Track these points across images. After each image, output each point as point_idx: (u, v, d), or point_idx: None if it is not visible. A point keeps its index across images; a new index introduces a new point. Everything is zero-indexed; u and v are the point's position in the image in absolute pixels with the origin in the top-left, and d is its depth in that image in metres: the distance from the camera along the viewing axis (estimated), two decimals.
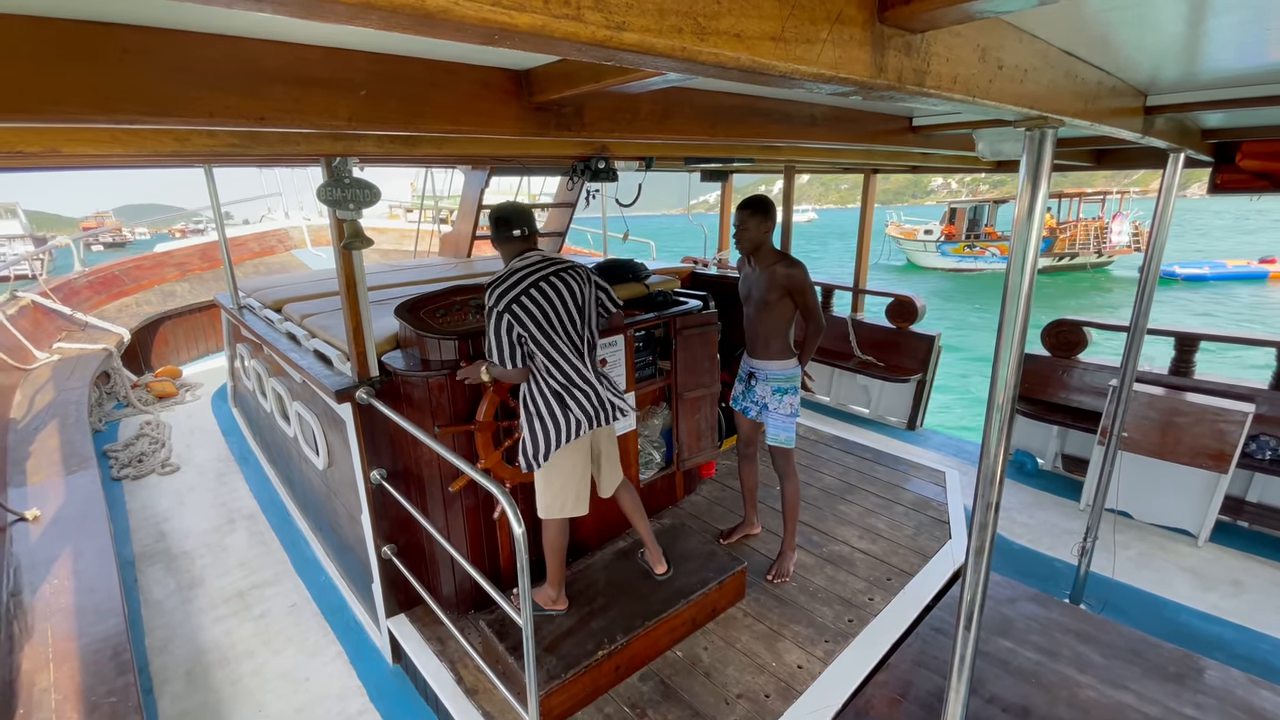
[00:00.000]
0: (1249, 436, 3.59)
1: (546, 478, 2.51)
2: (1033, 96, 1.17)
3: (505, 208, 2.47)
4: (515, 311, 2.26)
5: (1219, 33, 1.27)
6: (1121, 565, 3.42)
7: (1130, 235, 25.04)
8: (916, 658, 2.55)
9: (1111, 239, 24.41)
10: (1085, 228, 24.14)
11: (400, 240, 10.36)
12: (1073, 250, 23.97)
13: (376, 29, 0.50)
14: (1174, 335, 4.10)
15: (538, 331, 2.31)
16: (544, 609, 2.65)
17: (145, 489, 4.53)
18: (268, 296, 4.04)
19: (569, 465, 2.51)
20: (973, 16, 0.80)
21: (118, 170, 3.97)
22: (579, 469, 2.55)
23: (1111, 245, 24.49)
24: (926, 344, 5.22)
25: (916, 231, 28.58)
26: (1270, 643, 2.92)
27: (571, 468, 2.52)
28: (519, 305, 2.27)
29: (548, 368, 2.37)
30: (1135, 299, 2.73)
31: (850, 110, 2.52)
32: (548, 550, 2.62)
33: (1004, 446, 1.51)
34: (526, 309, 2.28)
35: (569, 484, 2.53)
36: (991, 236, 25.65)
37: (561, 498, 2.53)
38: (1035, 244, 1.39)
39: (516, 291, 2.28)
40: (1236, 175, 2.84)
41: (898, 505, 3.85)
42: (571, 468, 2.52)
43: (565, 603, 2.68)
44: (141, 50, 1.08)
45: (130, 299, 7.63)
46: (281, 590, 3.38)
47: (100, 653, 2.21)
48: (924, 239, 27.99)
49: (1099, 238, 24.23)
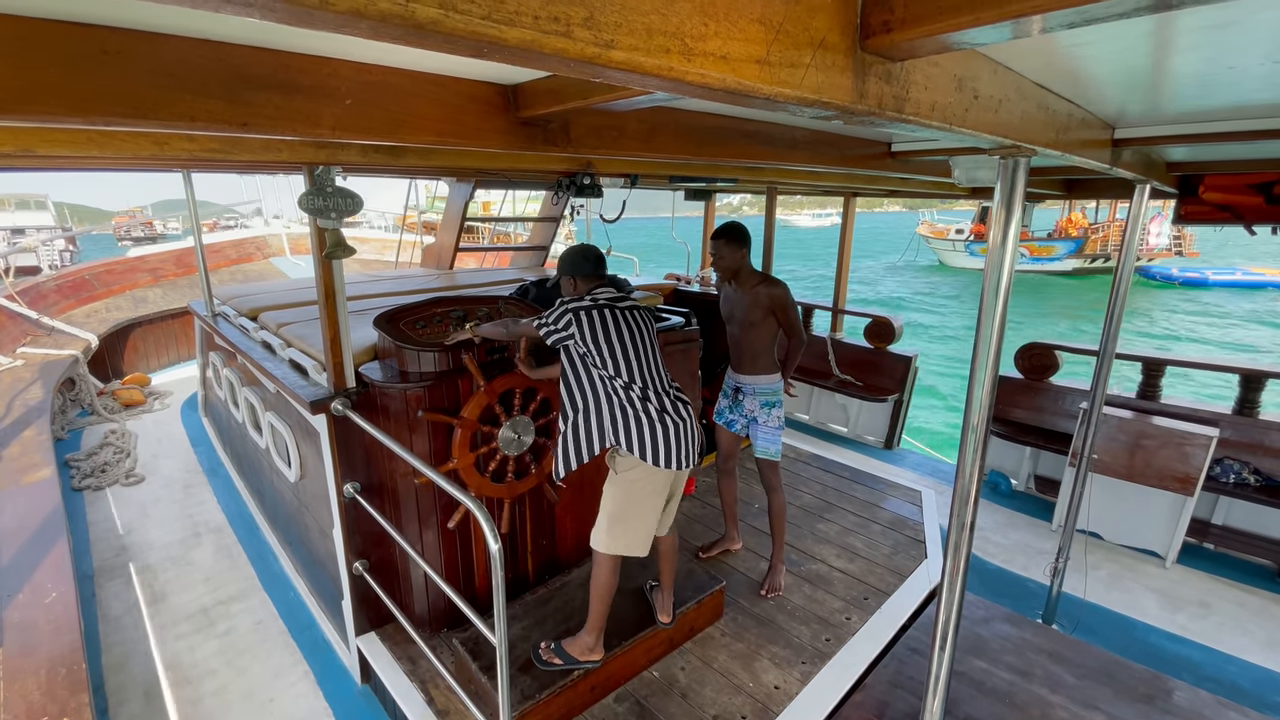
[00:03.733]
0: (1214, 460, 3.69)
1: (622, 506, 2.34)
2: (1007, 126, 1.21)
3: (592, 250, 2.46)
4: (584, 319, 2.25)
5: (1183, 68, 1.32)
6: (1092, 586, 3.47)
7: (1170, 238, 24.31)
8: (893, 678, 2.55)
9: (1148, 241, 23.63)
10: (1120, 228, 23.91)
11: (381, 250, 10.28)
12: (1105, 252, 23.41)
13: (366, 38, 0.50)
14: (1141, 360, 4.21)
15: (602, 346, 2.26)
16: (578, 660, 2.41)
17: (107, 500, 4.38)
18: (244, 304, 3.97)
19: (643, 490, 2.32)
20: (950, 47, 0.82)
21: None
22: (655, 499, 2.36)
23: (1149, 248, 23.77)
24: (904, 364, 5.30)
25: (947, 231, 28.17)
26: (1237, 664, 2.98)
27: (646, 495, 2.33)
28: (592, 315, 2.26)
29: (634, 387, 2.30)
30: (1104, 324, 2.80)
31: (831, 134, 2.57)
32: (596, 593, 2.40)
33: (978, 467, 1.54)
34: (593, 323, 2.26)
35: (646, 518, 2.36)
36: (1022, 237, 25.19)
37: (628, 530, 2.34)
38: (1009, 269, 1.42)
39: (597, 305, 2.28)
40: (1200, 207, 2.95)
41: (875, 524, 3.87)
42: (646, 495, 2.33)
43: (601, 652, 2.45)
44: (121, 52, 1.07)
45: (100, 304, 7.44)
46: (247, 606, 3.28)
47: (54, 670, 2.12)
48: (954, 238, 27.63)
49: None
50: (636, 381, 2.27)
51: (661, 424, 2.27)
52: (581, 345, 2.24)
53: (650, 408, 2.27)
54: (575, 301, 2.28)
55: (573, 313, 2.24)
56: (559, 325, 2.25)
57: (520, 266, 6.80)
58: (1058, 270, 25.37)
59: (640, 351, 2.30)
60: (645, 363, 2.31)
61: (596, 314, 2.24)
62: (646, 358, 2.32)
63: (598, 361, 2.24)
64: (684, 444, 2.31)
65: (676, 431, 2.29)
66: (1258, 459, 3.79)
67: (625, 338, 2.27)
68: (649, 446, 2.25)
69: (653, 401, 2.28)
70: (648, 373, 2.31)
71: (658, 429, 2.26)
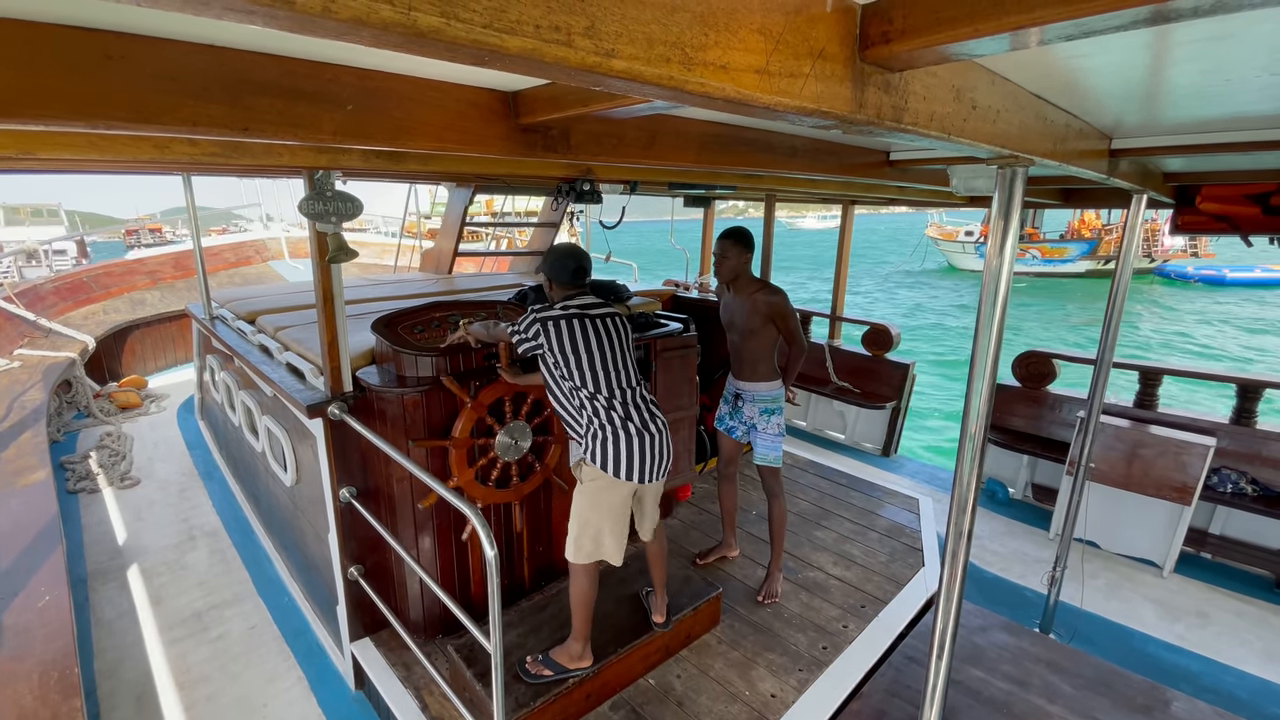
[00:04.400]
0: (1211, 469, 3.69)
1: (587, 515, 2.34)
2: (1004, 136, 1.22)
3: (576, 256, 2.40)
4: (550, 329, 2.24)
5: (1180, 80, 1.33)
6: (1090, 595, 3.47)
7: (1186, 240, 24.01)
8: (890, 687, 2.54)
9: (1164, 241, 23.41)
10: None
11: (380, 254, 10.29)
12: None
13: (368, 46, 0.50)
14: (1138, 369, 4.22)
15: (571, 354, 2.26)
16: (566, 668, 2.40)
17: (102, 503, 4.36)
18: (242, 308, 3.97)
19: (609, 501, 2.32)
20: (948, 58, 0.83)
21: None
22: (619, 509, 2.35)
23: (1165, 249, 23.52)
24: (901, 372, 5.31)
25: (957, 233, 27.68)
26: (1235, 675, 2.97)
27: (610, 505, 2.32)
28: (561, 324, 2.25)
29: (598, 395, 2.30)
30: (1101, 333, 2.81)
31: (830, 143, 2.58)
32: (575, 602, 2.39)
33: (976, 475, 1.54)
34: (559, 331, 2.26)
35: (612, 528, 2.34)
36: (1033, 238, 24.47)
37: (597, 539, 2.34)
38: (1007, 277, 1.43)
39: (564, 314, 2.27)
40: (1197, 217, 2.96)
41: (872, 532, 3.86)
42: (610, 505, 2.32)
43: (590, 659, 2.45)
44: (125, 57, 1.07)
45: (98, 306, 7.43)
46: (241, 611, 3.26)
47: (46, 675, 2.11)
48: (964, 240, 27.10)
49: (1149, 240, 23.17)
50: (602, 391, 2.27)
51: (625, 434, 2.27)
52: (550, 355, 2.25)
53: (615, 417, 2.27)
54: (544, 310, 2.28)
55: (540, 323, 2.25)
56: (528, 334, 2.26)
57: (519, 271, 6.81)
58: (1070, 272, 24.95)
59: (610, 361, 2.29)
60: (615, 372, 2.30)
61: (565, 324, 2.24)
62: (616, 367, 2.31)
63: (565, 373, 2.26)
64: (649, 457, 2.30)
65: (641, 443, 2.28)
66: (1255, 469, 3.79)
67: (594, 347, 2.26)
68: (610, 458, 2.26)
69: (618, 411, 2.28)
70: (616, 383, 2.30)
71: (620, 440, 2.26)
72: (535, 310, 2.28)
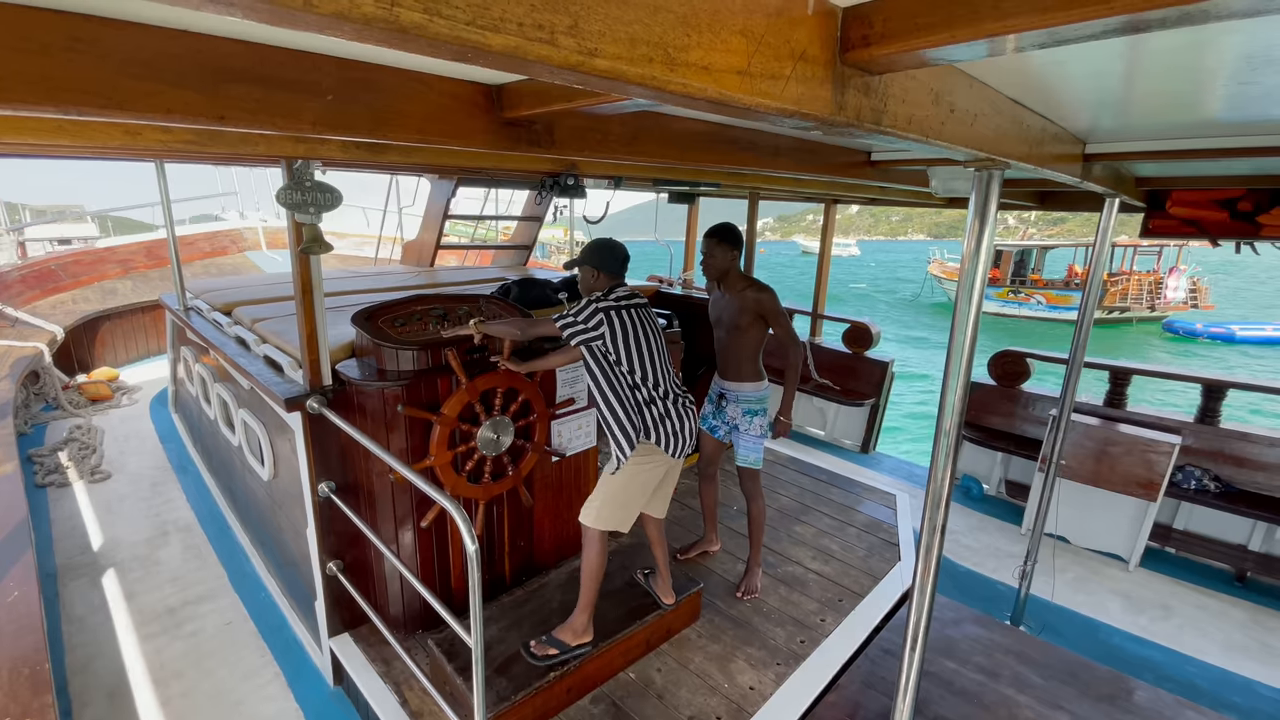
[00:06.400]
0: (1176, 466, 3.80)
1: (620, 491, 2.47)
2: (981, 139, 1.24)
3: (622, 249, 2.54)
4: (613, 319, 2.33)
5: (1152, 88, 1.37)
6: (1059, 588, 3.55)
7: (1187, 291, 23.60)
8: (865, 679, 2.59)
9: (1166, 294, 23.09)
10: (1138, 281, 22.79)
11: (360, 246, 10.14)
12: (1124, 304, 22.72)
13: (349, 40, 0.50)
14: (1108, 369, 4.32)
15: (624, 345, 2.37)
16: (570, 646, 2.46)
17: (72, 497, 4.26)
18: (217, 299, 3.89)
19: (645, 479, 2.49)
20: (927, 62, 0.84)
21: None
22: (651, 485, 2.54)
23: (1166, 301, 23.15)
24: (880, 369, 5.37)
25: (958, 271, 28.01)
26: (1196, 665, 3.07)
27: (644, 483, 2.50)
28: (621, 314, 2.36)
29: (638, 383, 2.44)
30: (1074, 334, 2.88)
31: (812, 143, 2.60)
32: (587, 573, 2.50)
33: (950, 471, 1.57)
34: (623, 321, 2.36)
35: (638, 501, 2.52)
36: (1038, 284, 24.04)
37: (621, 513, 2.49)
38: (982, 277, 1.46)
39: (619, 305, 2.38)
40: (1167, 221, 3.04)
41: (850, 527, 3.92)
42: (644, 483, 2.50)
43: (592, 634, 2.53)
44: (94, 40, 1.04)
45: (67, 295, 7.23)
46: (217, 607, 3.22)
47: (16, 671, 2.06)
48: None
49: (1153, 292, 22.89)
50: (650, 376, 2.43)
51: (675, 414, 2.47)
52: (606, 345, 2.33)
53: (666, 400, 2.46)
54: (603, 301, 2.35)
55: (604, 313, 2.31)
56: (589, 324, 2.31)
57: (502, 265, 6.77)
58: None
59: (656, 348, 2.45)
60: (660, 358, 2.47)
61: (623, 315, 2.35)
62: (660, 353, 2.48)
63: (622, 361, 2.36)
64: (688, 434, 2.53)
65: (682, 423, 2.49)
66: (1218, 466, 3.91)
67: (643, 337, 2.40)
68: (664, 435, 2.44)
69: (667, 394, 2.47)
70: (662, 368, 2.47)
71: (671, 419, 2.46)
72: (594, 300, 2.35)
